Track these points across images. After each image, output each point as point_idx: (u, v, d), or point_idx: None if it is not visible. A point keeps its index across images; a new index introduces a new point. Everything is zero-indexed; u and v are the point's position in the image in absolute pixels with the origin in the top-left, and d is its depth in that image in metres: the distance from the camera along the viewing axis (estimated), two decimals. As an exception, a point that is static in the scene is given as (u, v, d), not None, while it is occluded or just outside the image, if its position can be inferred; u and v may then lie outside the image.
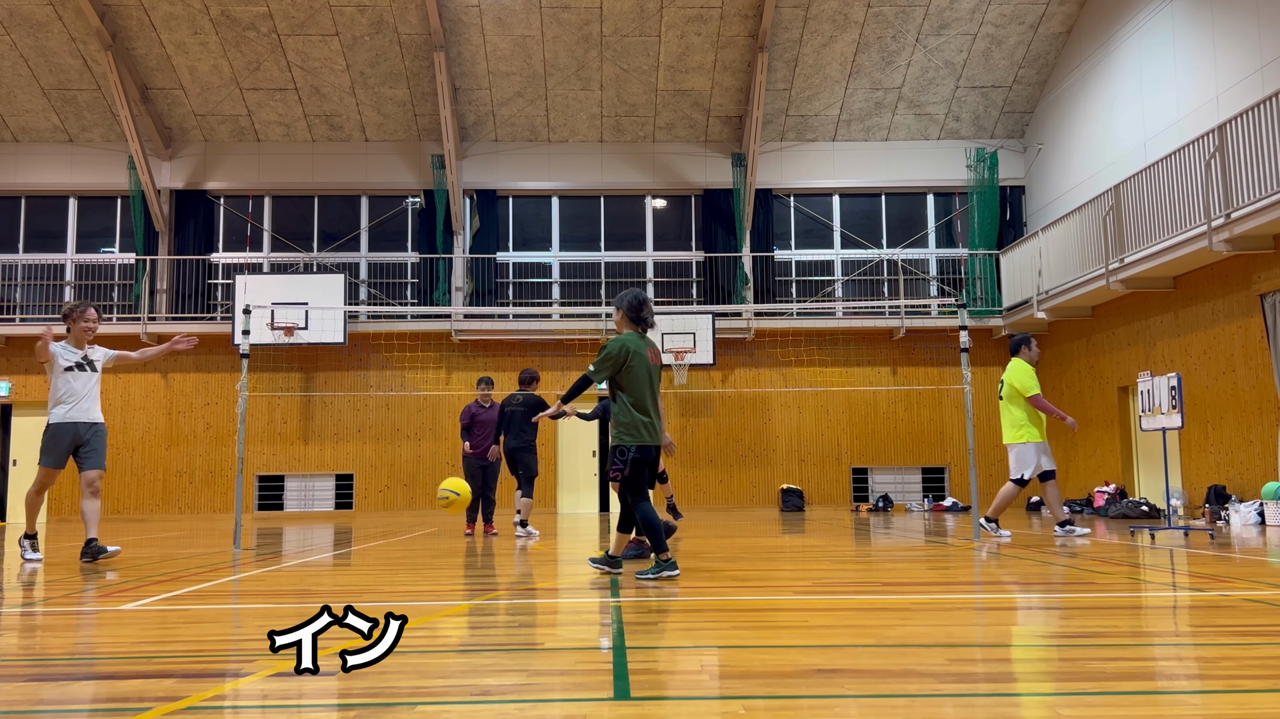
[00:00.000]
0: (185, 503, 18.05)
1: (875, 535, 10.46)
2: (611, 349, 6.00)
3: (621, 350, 6.00)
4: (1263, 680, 2.90)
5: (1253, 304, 12.16)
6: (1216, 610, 4.39)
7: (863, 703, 2.68)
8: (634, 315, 6.17)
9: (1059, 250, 15.81)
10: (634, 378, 6.00)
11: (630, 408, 5.99)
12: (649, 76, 18.31)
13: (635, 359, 5.99)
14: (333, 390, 18.32)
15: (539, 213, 19.63)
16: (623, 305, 6.19)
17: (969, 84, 18.49)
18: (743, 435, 18.35)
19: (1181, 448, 13.79)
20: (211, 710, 2.69)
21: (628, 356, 5.99)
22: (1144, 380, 9.72)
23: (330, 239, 19.50)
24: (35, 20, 17.36)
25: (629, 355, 5.99)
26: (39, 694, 2.91)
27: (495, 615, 4.52)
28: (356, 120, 19.06)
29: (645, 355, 6.05)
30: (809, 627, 4.07)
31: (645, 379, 6.03)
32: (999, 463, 18.39)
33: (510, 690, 2.86)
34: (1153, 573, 6.19)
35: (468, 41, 17.72)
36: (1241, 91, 12.83)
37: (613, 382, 6.08)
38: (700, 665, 3.22)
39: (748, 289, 18.62)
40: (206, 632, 4.09)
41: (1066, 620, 4.10)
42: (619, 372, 6.00)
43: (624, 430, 6.00)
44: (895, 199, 19.60)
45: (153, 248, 18.92)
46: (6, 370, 18.25)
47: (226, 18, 17.31)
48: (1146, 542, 8.91)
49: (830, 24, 17.45)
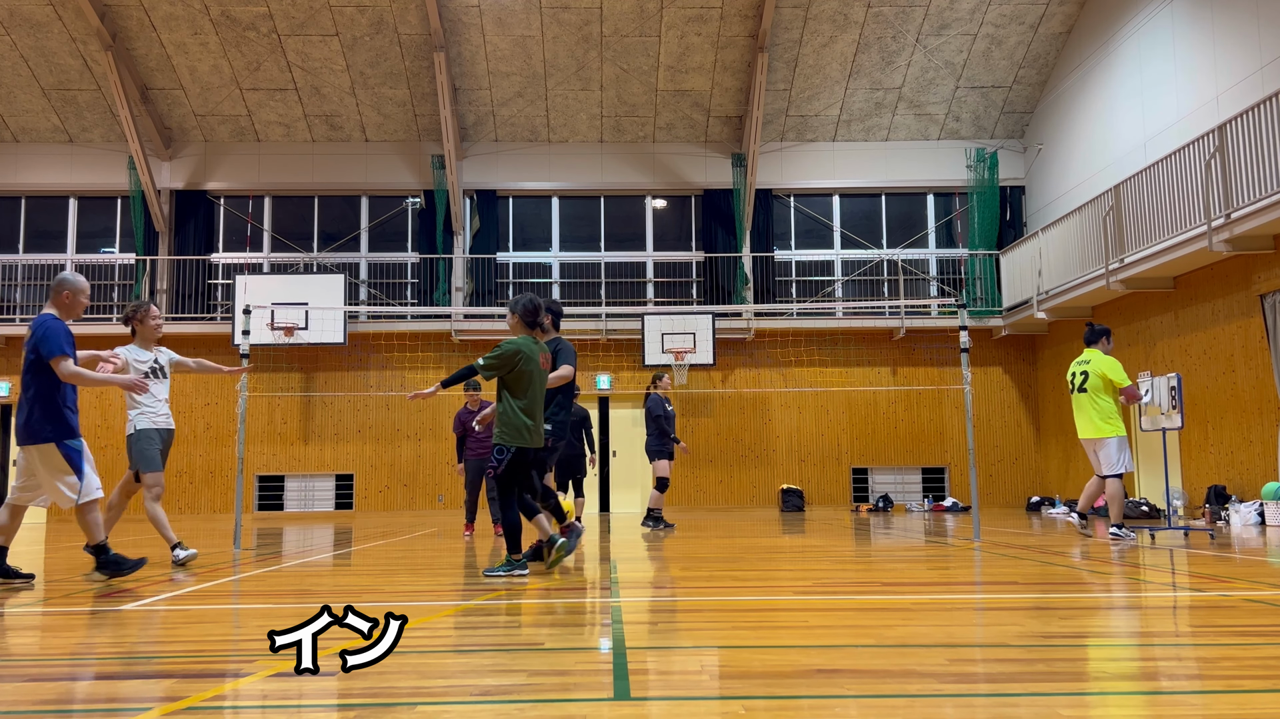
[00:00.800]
0: (185, 503, 18.05)
1: (875, 536, 10.46)
2: (505, 350, 6.22)
3: (515, 354, 6.21)
4: (1263, 680, 2.90)
5: (1253, 304, 12.16)
6: (1216, 611, 4.39)
7: (863, 703, 2.68)
8: (529, 320, 6.40)
9: (1059, 250, 15.81)
10: (521, 381, 6.25)
11: (517, 410, 6.22)
12: (649, 77, 18.31)
13: (526, 363, 6.23)
14: (333, 390, 18.32)
15: (539, 213, 19.63)
16: (517, 309, 6.41)
17: (969, 84, 18.49)
18: (743, 436, 18.35)
19: (1181, 448, 13.79)
20: (211, 710, 2.69)
21: (519, 360, 6.21)
22: (1144, 380, 9.72)
23: (330, 239, 19.50)
24: (35, 20, 17.36)
25: (520, 359, 6.22)
26: (39, 694, 2.91)
27: (495, 615, 4.52)
28: (356, 120, 19.06)
29: (536, 360, 6.30)
30: (809, 627, 4.07)
31: (532, 383, 6.27)
32: (999, 463, 18.41)
33: (510, 690, 2.86)
34: (1153, 573, 6.19)
35: (468, 41, 17.72)
36: (1241, 91, 12.83)
37: (501, 382, 6.30)
38: (700, 665, 3.22)
39: (748, 289, 18.62)
40: (206, 632, 4.09)
41: (1066, 620, 4.10)
42: (509, 373, 6.23)
43: (506, 430, 6.23)
44: (895, 199, 19.60)
45: (153, 248, 18.93)
46: (6, 370, 18.25)
47: (226, 18, 17.31)
48: (1147, 542, 8.91)
49: (830, 24, 17.45)
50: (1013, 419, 18.55)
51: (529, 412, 6.25)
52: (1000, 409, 18.53)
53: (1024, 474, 18.42)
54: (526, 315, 6.40)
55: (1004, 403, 18.55)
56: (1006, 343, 18.55)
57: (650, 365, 17.38)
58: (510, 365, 6.21)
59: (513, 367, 6.21)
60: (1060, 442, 17.58)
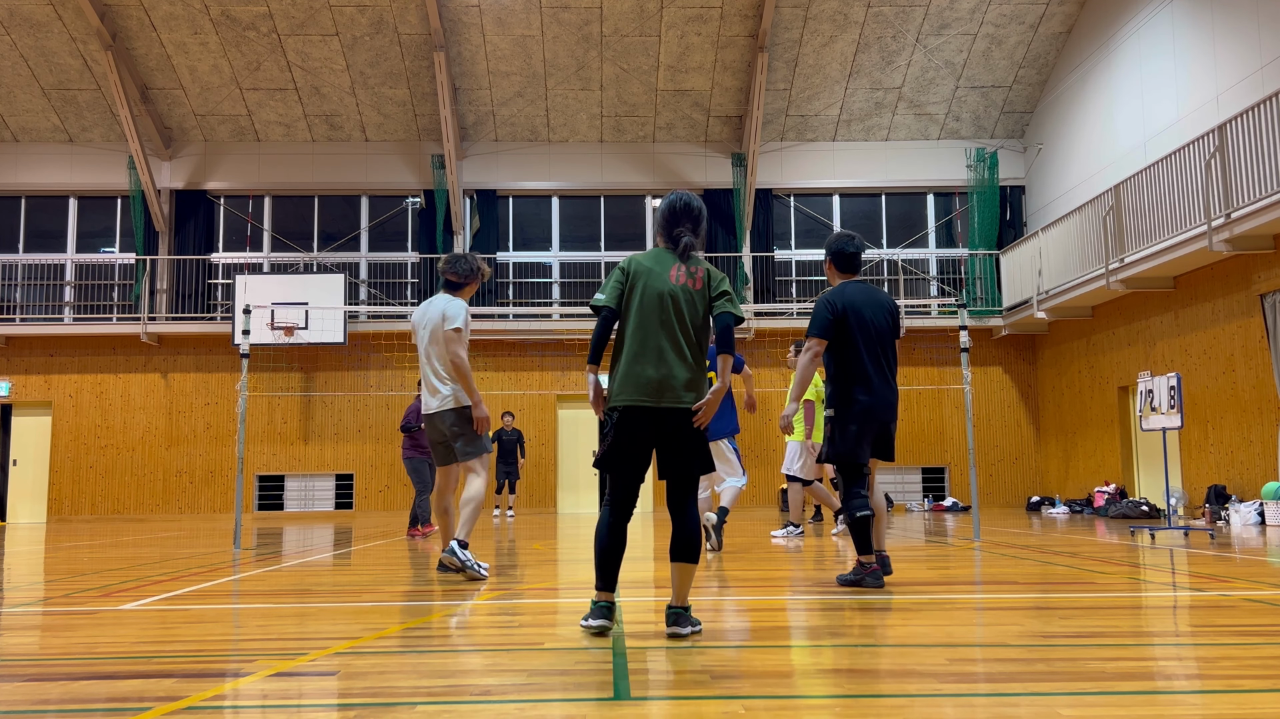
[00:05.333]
0: (185, 503, 18.05)
1: (875, 535, 10.44)
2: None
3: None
4: (1263, 680, 2.90)
5: (1253, 304, 12.16)
6: (1216, 610, 4.39)
7: (863, 703, 2.68)
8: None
9: (1059, 250, 15.81)
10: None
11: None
12: (649, 76, 18.31)
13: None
14: (333, 390, 18.32)
15: (539, 213, 19.63)
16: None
17: (969, 84, 18.49)
18: (742, 435, 18.28)
19: (1181, 448, 13.78)
20: (211, 710, 2.69)
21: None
22: (1144, 380, 9.72)
23: (330, 239, 19.50)
24: (35, 20, 17.36)
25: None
26: (40, 694, 2.91)
27: (495, 615, 4.52)
28: (356, 120, 19.06)
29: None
30: (810, 627, 4.07)
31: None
32: (999, 463, 18.41)
33: (510, 690, 2.86)
34: (1153, 573, 6.19)
35: (468, 41, 17.72)
36: (1241, 91, 12.83)
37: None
38: (700, 665, 3.22)
39: (748, 289, 18.62)
40: (206, 632, 4.09)
41: (1066, 620, 4.10)
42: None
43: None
44: (895, 199, 19.60)
45: (153, 248, 18.93)
46: (6, 370, 18.25)
47: (226, 18, 17.31)
48: (1146, 542, 8.91)
49: (830, 24, 17.45)
50: (1013, 419, 18.55)
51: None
52: (1000, 409, 18.53)
53: (1024, 474, 18.41)
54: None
55: (1004, 403, 18.55)
56: (1006, 343, 18.55)
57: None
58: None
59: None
60: (1060, 442, 17.59)
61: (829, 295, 5.47)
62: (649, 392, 3.81)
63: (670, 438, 3.86)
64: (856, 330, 5.36)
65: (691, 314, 3.91)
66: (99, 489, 17.87)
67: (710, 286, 3.97)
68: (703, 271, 3.98)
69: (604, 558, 3.87)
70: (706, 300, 3.95)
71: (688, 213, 4.04)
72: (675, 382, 3.83)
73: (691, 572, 3.84)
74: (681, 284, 3.91)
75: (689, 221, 4.03)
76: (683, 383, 3.83)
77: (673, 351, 3.85)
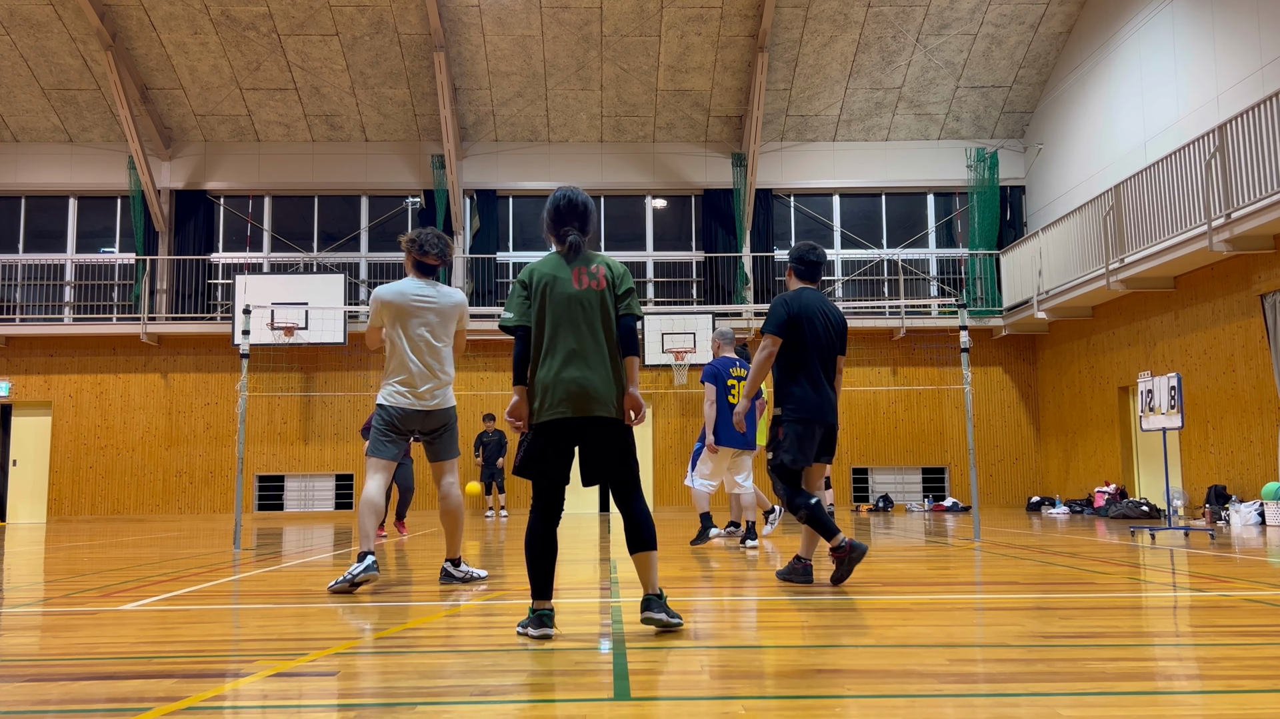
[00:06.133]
0: (185, 503, 18.05)
1: (875, 535, 10.45)
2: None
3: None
4: (1263, 680, 2.90)
5: (1253, 304, 12.15)
6: (1217, 610, 4.39)
7: (863, 703, 2.68)
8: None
9: (1059, 250, 15.81)
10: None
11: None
12: (649, 76, 18.31)
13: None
14: (333, 390, 18.32)
15: (539, 213, 19.56)
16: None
17: (969, 84, 18.49)
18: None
19: (1182, 448, 13.78)
20: (211, 710, 2.69)
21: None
22: (1144, 380, 9.72)
23: (330, 239, 19.50)
24: (35, 20, 17.36)
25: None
26: (40, 694, 2.91)
27: (495, 616, 4.52)
28: (356, 120, 19.06)
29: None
30: (809, 627, 4.07)
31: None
32: (999, 463, 18.40)
33: (510, 690, 2.86)
34: (1153, 573, 6.18)
35: (468, 41, 17.72)
36: (1241, 91, 12.83)
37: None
38: (700, 665, 3.22)
39: (748, 289, 18.62)
40: (206, 632, 4.09)
41: (1066, 620, 4.10)
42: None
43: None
44: (895, 199, 19.60)
45: (153, 248, 18.93)
46: (6, 370, 18.25)
47: (226, 18, 17.31)
48: (1147, 542, 8.91)
49: (830, 24, 17.45)
50: (1013, 419, 18.55)
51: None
52: (1000, 409, 18.53)
53: (1024, 474, 18.41)
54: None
55: (1004, 403, 18.55)
56: (1007, 343, 18.55)
57: (650, 365, 17.43)
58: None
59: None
60: (1060, 442, 17.58)
61: (786, 296, 5.60)
62: (571, 402, 3.79)
63: (594, 446, 3.87)
64: (808, 334, 5.50)
65: (604, 316, 3.91)
66: (99, 489, 17.86)
67: (614, 284, 3.96)
68: (604, 269, 3.96)
69: (536, 566, 3.81)
70: (614, 299, 3.95)
71: (573, 209, 4.02)
72: (595, 388, 3.81)
73: (652, 559, 3.87)
74: (586, 287, 3.90)
75: (575, 219, 4.02)
76: (602, 389, 3.82)
77: (592, 355, 3.84)
